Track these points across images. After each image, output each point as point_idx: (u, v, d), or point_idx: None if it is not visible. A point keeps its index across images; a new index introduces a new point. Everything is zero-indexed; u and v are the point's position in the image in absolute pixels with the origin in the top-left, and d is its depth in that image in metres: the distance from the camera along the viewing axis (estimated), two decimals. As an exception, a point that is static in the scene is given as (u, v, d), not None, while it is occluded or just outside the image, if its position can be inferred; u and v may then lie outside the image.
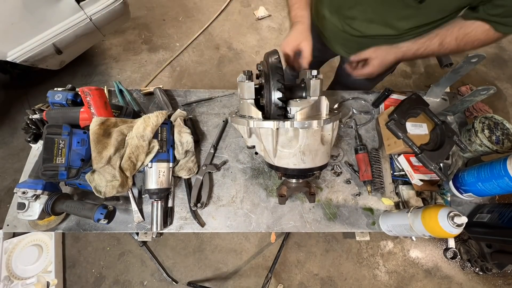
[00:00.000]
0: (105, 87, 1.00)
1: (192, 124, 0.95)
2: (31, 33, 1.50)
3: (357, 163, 0.89)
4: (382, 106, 0.99)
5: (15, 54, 1.49)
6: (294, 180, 0.76)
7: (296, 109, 0.65)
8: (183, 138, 0.86)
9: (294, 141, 0.66)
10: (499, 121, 0.85)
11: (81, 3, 1.56)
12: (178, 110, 0.94)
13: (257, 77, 0.74)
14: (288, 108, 0.69)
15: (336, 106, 1.01)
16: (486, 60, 1.98)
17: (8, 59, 1.48)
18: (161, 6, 2.60)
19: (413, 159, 0.83)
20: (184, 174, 0.86)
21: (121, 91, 1.01)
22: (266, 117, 0.69)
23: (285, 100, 0.69)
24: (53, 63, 1.74)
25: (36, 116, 0.82)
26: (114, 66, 2.29)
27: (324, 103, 0.68)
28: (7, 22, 1.39)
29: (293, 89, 0.73)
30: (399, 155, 0.85)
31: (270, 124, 0.65)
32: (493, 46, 2.50)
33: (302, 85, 0.72)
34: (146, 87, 1.04)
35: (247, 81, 0.68)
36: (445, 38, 0.72)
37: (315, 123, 0.63)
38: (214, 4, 2.62)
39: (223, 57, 2.37)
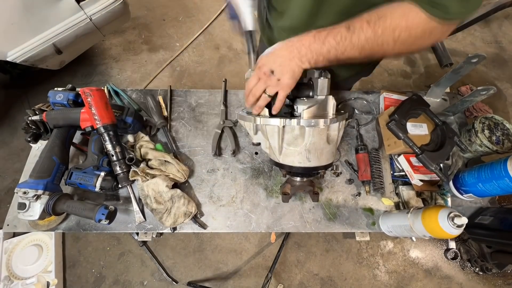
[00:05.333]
0: (105, 87, 1.00)
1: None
2: (31, 33, 1.50)
3: (357, 163, 0.89)
4: (382, 106, 0.99)
5: (15, 54, 1.49)
6: (298, 179, 0.76)
7: (303, 107, 0.65)
8: (154, 187, 0.79)
9: (300, 139, 0.66)
10: (499, 121, 0.85)
11: (81, 3, 1.56)
12: (144, 142, 0.87)
13: None
14: (295, 107, 0.69)
15: (339, 106, 1.01)
16: (486, 60, 1.98)
17: (8, 59, 1.48)
18: (161, 6, 2.60)
19: (413, 159, 0.83)
20: (181, 221, 0.79)
21: (116, 93, 1.01)
22: (272, 114, 0.69)
23: (292, 99, 0.69)
24: (53, 63, 1.74)
25: (36, 117, 0.82)
26: (114, 66, 2.30)
27: (331, 102, 0.68)
28: (7, 22, 1.39)
29: (300, 87, 0.72)
30: (399, 155, 0.85)
31: (277, 122, 0.65)
32: (493, 46, 2.50)
33: (310, 84, 0.72)
34: (146, 87, 1.04)
35: None
36: (353, 22, 0.54)
37: (321, 122, 0.64)
38: (214, 4, 2.62)
39: (223, 57, 2.37)
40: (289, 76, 0.59)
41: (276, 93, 0.62)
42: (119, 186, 0.80)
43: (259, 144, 0.76)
